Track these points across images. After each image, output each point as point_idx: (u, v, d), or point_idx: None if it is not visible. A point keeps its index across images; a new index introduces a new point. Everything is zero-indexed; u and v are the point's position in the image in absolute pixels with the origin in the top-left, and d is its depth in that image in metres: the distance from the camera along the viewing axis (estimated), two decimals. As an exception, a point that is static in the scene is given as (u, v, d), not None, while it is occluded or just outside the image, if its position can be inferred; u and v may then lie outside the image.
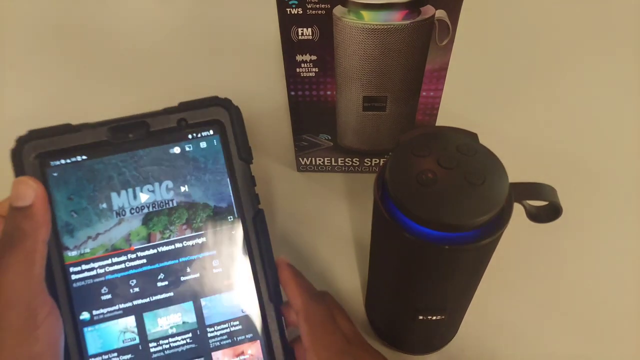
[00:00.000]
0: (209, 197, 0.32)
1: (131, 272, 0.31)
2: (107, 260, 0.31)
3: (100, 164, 0.31)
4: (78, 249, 0.30)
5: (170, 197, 0.32)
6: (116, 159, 0.31)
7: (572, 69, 0.60)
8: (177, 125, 0.32)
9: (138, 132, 0.32)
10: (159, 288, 0.31)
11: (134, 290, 0.31)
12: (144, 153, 0.32)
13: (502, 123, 0.53)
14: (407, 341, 0.37)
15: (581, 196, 0.45)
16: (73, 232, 0.30)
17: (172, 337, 0.31)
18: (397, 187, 0.26)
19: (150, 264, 0.31)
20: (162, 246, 0.31)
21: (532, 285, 0.41)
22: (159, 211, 0.31)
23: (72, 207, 0.31)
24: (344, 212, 0.47)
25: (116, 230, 0.31)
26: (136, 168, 0.32)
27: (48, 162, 0.31)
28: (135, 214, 0.31)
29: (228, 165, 0.32)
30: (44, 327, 0.27)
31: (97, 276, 0.31)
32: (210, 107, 0.33)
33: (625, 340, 0.38)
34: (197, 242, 0.32)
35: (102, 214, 0.31)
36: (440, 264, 0.27)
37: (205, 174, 0.32)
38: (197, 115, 0.32)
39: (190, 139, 0.32)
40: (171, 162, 0.32)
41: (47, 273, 0.29)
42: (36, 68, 0.64)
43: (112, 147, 0.31)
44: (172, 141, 0.32)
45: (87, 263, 0.31)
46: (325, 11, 0.36)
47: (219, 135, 0.33)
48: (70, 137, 0.31)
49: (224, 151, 0.33)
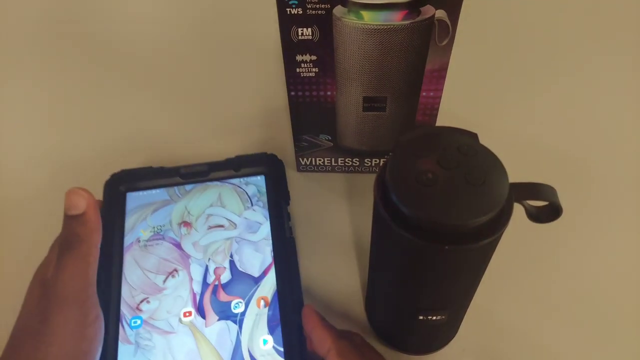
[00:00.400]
0: (251, 225, 0.40)
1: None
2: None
3: (169, 195, 0.42)
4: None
5: (220, 223, 0.40)
6: (182, 192, 0.42)
7: (573, 68, 0.60)
8: (234, 172, 0.43)
9: (201, 176, 0.42)
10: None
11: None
12: (203, 190, 0.42)
13: (502, 123, 0.53)
14: (407, 341, 0.37)
15: (581, 196, 0.45)
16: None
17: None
18: (397, 188, 0.26)
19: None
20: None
21: (532, 285, 0.41)
22: (212, 241, 0.39)
23: (142, 227, 0.40)
24: (344, 212, 0.47)
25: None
26: (196, 201, 0.42)
27: (130, 191, 0.41)
28: (194, 233, 0.40)
29: (270, 203, 0.41)
30: (92, 328, 0.29)
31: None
32: (259, 160, 0.43)
33: (625, 340, 0.38)
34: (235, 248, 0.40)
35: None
36: (440, 265, 0.27)
37: (251, 208, 0.41)
38: (250, 165, 0.43)
39: (243, 183, 0.42)
40: (224, 199, 0.41)
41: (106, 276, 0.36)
42: (38, 71, 0.64)
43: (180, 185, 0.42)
44: (229, 182, 0.42)
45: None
46: (325, 11, 0.36)
47: (265, 181, 0.42)
48: (149, 175, 0.42)
49: (267, 193, 0.42)
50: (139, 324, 0.35)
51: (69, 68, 0.64)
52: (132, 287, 0.37)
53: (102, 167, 0.46)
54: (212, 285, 0.37)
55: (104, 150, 0.53)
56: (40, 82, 0.62)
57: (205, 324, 0.35)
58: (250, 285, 0.37)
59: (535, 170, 0.44)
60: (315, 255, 0.43)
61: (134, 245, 0.39)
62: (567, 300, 0.40)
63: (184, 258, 0.38)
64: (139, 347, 0.34)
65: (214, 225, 0.40)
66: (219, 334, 0.35)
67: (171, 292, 0.37)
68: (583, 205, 0.44)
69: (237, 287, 0.37)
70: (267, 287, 0.37)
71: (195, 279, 0.37)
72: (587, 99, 0.57)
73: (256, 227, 0.40)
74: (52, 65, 0.64)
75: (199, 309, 0.36)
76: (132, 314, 0.36)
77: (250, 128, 0.55)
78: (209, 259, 0.38)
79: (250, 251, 0.39)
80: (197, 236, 0.40)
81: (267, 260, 0.38)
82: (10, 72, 0.64)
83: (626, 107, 0.56)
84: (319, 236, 0.44)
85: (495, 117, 0.54)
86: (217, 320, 0.35)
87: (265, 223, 0.40)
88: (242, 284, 0.37)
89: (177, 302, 0.36)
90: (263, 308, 0.36)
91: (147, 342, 0.34)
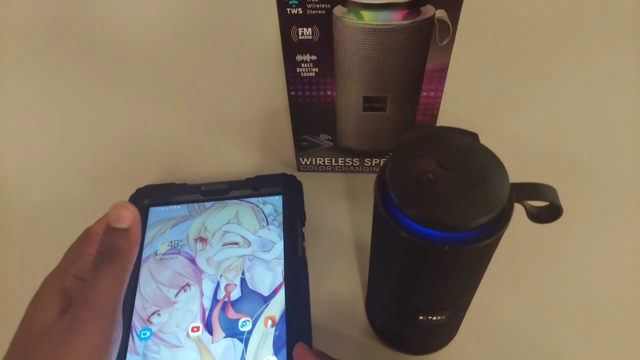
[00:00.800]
0: (265, 244, 0.41)
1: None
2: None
3: (188, 211, 0.43)
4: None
5: (235, 240, 0.41)
6: (201, 209, 0.43)
7: (573, 68, 0.60)
8: (253, 191, 0.44)
9: (222, 193, 0.43)
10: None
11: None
12: (222, 207, 0.43)
13: (502, 123, 0.53)
14: (408, 341, 0.37)
15: (582, 196, 0.45)
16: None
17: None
18: (398, 188, 0.26)
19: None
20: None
21: (532, 285, 0.41)
22: (226, 257, 0.40)
23: (160, 240, 0.41)
24: (344, 212, 0.46)
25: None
26: (213, 218, 0.42)
27: (153, 205, 0.43)
28: (209, 249, 0.41)
29: (285, 222, 0.42)
30: (114, 345, 0.29)
31: None
32: (278, 180, 0.44)
33: (625, 340, 0.38)
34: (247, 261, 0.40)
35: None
36: (441, 265, 0.27)
37: (266, 227, 0.42)
38: (269, 185, 0.44)
39: (261, 202, 0.43)
40: (241, 217, 0.42)
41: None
42: (38, 70, 0.64)
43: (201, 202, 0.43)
44: (247, 201, 0.43)
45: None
46: (325, 11, 0.36)
47: (282, 201, 0.43)
48: (172, 191, 0.44)
49: (283, 213, 0.42)
50: (148, 335, 0.36)
51: (68, 68, 0.64)
52: (145, 299, 0.38)
53: (102, 167, 0.46)
54: (222, 301, 0.37)
55: (104, 150, 0.53)
56: (41, 84, 0.62)
57: (212, 340, 0.35)
58: (259, 304, 0.37)
59: (535, 170, 0.44)
60: (316, 255, 0.43)
61: (150, 258, 0.40)
62: (568, 300, 0.40)
63: (197, 273, 0.39)
64: (146, 359, 0.35)
65: (229, 242, 0.41)
66: (224, 351, 0.35)
67: (182, 306, 0.37)
68: (583, 205, 0.44)
69: (246, 305, 0.37)
70: (275, 307, 0.37)
71: (206, 295, 0.38)
72: (588, 99, 0.56)
73: (270, 245, 0.41)
74: (52, 66, 0.64)
75: (207, 324, 0.36)
76: (143, 326, 0.36)
77: (250, 128, 0.55)
78: (221, 275, 0.39)
79: (261, 269, 0.39)
80: (212, 252, 0.40)
81: (277, 280, 0.38)
82: (14, 77, 0.64)
83: (626, 107, 0.56)
84: (319, 236, 0.44)
85: (495, 117, 0.54)
86: (224, 337, 0.36)
87: (279, 242, 0.41)
88: (251, 302, 0.37)
89: (186, 316, 0.37)
90: (270, 328, 0.36)
91: (154, 355, 0.35)
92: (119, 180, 0.48)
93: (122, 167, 0.51)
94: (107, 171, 0.51)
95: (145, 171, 0.50)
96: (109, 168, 0.51)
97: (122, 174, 0.50)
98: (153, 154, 0.52)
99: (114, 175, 0.50)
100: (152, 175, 0.49)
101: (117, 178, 0.50)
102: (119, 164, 0.51)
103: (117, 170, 0.51)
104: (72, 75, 0.63)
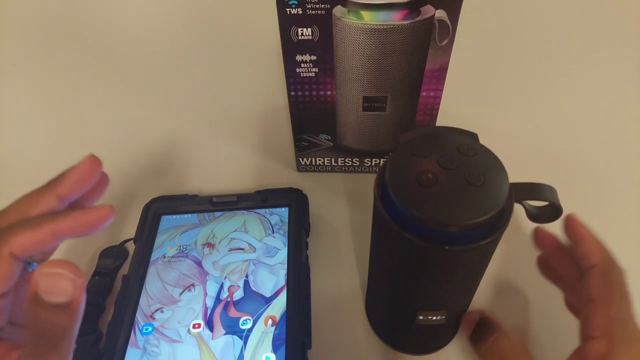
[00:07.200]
0: (270, 250, 0.41)
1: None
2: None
3: (198, 220, 0.44)
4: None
5: (241, 246, 0.42)
6: (211, 218, 0.44)
7: (572, 68, 0.60)
8: (260, 203, 0.45)
9: (231, 205, 0.45)
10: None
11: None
12: (230, 217, 0.44)
13: (502, 123, 0.53)
14: (407, 341, 0.37)
15: (581, 196, 0.45)
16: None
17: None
18: (397, 188, 0.26)
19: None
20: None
21: (532, 285, 0.41)
22: (232, 262, 0.41)
23: (169, 245, 0.42)
24: (343, 212, 0.46)
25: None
26: (222, 226, 0.44)
27: (165, 214, 0.44)
28: (216, 253, 0.41)
29: (290, 231, 0.43)
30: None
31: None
32: (285, 193, 0.46)
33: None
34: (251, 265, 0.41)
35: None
36: (440, 265, 0.27)
37: (272, 235, 0.43)
38: (276, 198, 0.45)
39: (268, 213, 0.44)
40: (248, 226, 0.43)
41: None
42: (38, 70, 0.64)
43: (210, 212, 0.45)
44: (255, 212, 0.45)
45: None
46: (325, 11, 0.36)
47: (288, 212, 0.44)
48: (184, 202, 0.45)
49: (289, 223, 0.44)
50: (150, 330, 0.36)
51: (67, 68, 0.64)
52: (150, 297, 0.38)
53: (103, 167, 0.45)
54: (224, 301, 0.38)
55: (103, 151, 0.53)
56: (42, 84, 0.62)
57: (212, 337, 0.36)
58: (261, 304, 0.38)
59: (535, 170, 0.44)
60: (315, 255, 0.43)
61: (159, 260, 0.41)
62: (567, 300, 0.40)
63: (202, 275, 0.40)
64: (145, 352, 0.35)
65: (235, 247, 0.42)
66: (223, 347, 0.35)
67: (185, 304, 0.38)
68: (583, 205, 0.44)
69: (248, 305, 0.38)
70: (276, 308, 0.37)
71: (210, 294, 0.39)
72: (587, 99, 0.56)
73: (274, 252, 0.41)
74: (51, 67, 0.64)
75: (208, 321, 0.37)
76: (145, 321, 0.37)
77: (250, 128, 0.55)
78: (225, 277, 0.40)
79: (265, 273, 0.40)
80: (218, 256, 0.41)
81: (280, 283, 0.39)
82: (14, 79, 0.64)
83: (626, 107, 0.56)
84: (319, 236, 0.44)
85: (495, 117, 0.54)
86: (224, 334, 0.36)
87: (283, 249, 0.41)
88: (253, 302, 0.38)
89: (188, 313, 0.37)
90: (270, 327, 0.36)
91: (154, 349, 0.35)
92: (118, 182, 0.48)
93: (122, 168, 0.51)
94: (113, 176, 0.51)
95: (150, 174, 0.50)
96: (108, 168, 0.51)
97: (123, 175, 0.50)
98: (152, 153, 0.52)
99: (115, 177, 0.50)
100: (153, 177, 0.49)
101: (117, 178, 0.50)
102: (118, 163, 0.51)
103: (118, 174, 0.51)
104: (72, 75, 0.63)
